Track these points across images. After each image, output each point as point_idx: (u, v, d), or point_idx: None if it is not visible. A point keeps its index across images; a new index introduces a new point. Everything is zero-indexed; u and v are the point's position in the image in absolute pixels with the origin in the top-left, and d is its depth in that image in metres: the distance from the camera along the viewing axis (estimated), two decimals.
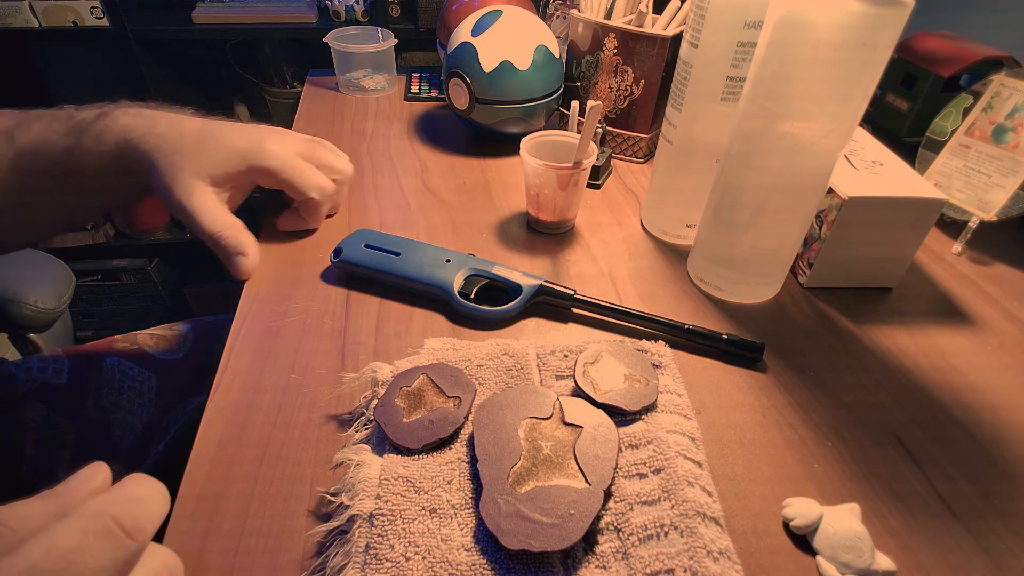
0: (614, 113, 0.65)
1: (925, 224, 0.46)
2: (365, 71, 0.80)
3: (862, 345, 0.44)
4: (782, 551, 0.31)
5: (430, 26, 1.32)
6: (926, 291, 0.50)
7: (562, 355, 0.39)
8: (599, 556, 0.29)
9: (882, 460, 0.36)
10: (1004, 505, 0.34)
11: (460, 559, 0.28)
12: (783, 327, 0.45)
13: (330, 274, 0.48)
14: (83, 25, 1.24)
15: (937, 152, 0.57)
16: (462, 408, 0.35)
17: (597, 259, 0.51)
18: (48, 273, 0.72)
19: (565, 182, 0.50)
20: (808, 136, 0.38)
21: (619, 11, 0.63)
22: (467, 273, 0.45)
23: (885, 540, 0.32)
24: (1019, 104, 0.52)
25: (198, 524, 0.31)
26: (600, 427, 0.33)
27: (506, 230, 0.54)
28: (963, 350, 0.44)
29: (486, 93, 0.61)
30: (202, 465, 0.33)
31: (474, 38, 0.60)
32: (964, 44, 0.63)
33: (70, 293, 0.74)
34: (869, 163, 0.48)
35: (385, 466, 0.32)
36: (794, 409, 0.39)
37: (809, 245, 0.48)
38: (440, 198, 0.58)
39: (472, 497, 0.31)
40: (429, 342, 0.40)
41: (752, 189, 0.42)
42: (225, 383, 0.38)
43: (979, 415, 0.39)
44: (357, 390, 0.38)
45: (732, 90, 0.45)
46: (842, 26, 0.34)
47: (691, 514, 0.29)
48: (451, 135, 0.70)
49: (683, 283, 0.49)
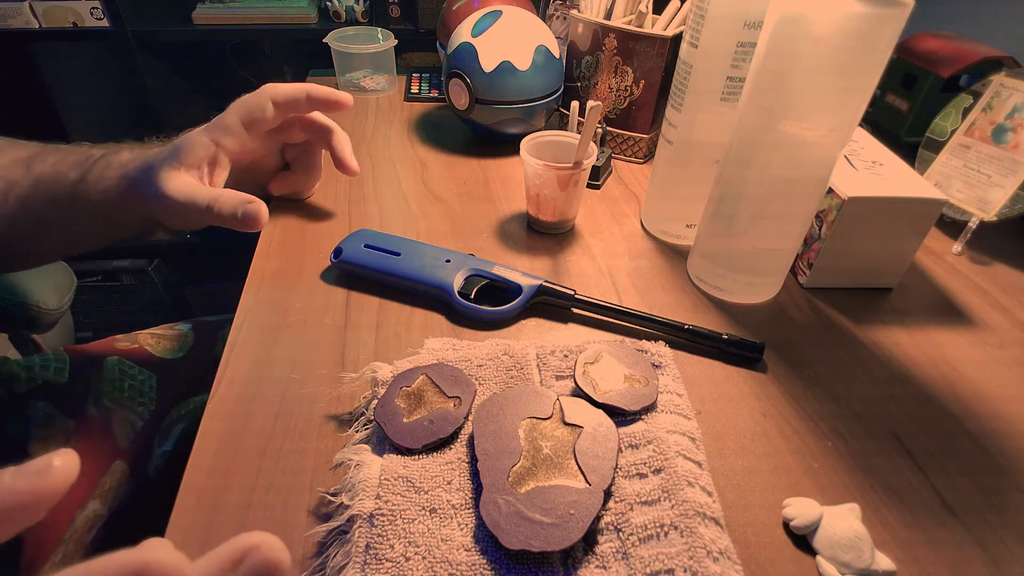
0: (614, 113, 0.65)
1: (925, 224, 0.46)
2: (365, 71, 0.80)
3: (862, 345, 0.44)
4: (782, 551, 0.31)
5: (430, 26, 1.32)
6: (926, 291, 0.50)
7: (562, 355, 0.39)
8: (599, 556, 0.29)
9: (882, 459, 0.36)
10: (1003, 503, 0.34)
11: (460, 559, 0.28)
12: (783, 327, 0.45)
13: (330, 274, 0.48)
14: (83, 26, 1.24)
15: (937, 152, 0.57)
16: (462, 408, 0.35)
17: (597, 259, 0.52)
18: (49, 274, 0.72)
19: (565, 182, 0.50)
20: (808, 136, 0.38)
21: (619, 11, 0.63)
22: (467, 273, 0.45)
23: (885, 539, 0.32)
24: (1019, 104, 0.52)
25: (198, 524, 0.31)
26: (600, 427, 0.33)
27: (506, 230, 0.54)
28: (963, 350, 0.44)
29: (486, 93, 0.61)
30: (202, 465, 0.34)
31: (474, 38, 0.60)
32: (964, 44, 0.63)
33: (71, 294, 0.74)
34: (869, 163, 0.48)
35: (385, 466, 0.32)
36: (794, 409, 0.39)
37: (809, 245, 0.48)
38: (440, 198, 0.59)
39: (472, 497, 0.31)
40: (429, 342, 0.40)
41: (752, 189, 0.42)
42: (225, 383, 0.38)
43: (978, 414, 0.39)
44: (357, 390, 0.38)
45: (732, 90, 0.45)
46: (842, 26, 0.34)
47: (691, 514, 0.29)
48: (451, 135, 0.70)
49: (683, 283, 0.49)
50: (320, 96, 0.50)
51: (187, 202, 0.43)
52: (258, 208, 0.44)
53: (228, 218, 0.44)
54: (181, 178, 0.44)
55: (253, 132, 0.48)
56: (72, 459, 0.18)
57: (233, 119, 0.47)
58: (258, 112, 0.48)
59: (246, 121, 0.47)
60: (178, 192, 0.43)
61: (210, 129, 0.47)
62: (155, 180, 0.43)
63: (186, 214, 0.44)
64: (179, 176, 0.44)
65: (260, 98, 0.48)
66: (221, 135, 0.47)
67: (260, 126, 0.48)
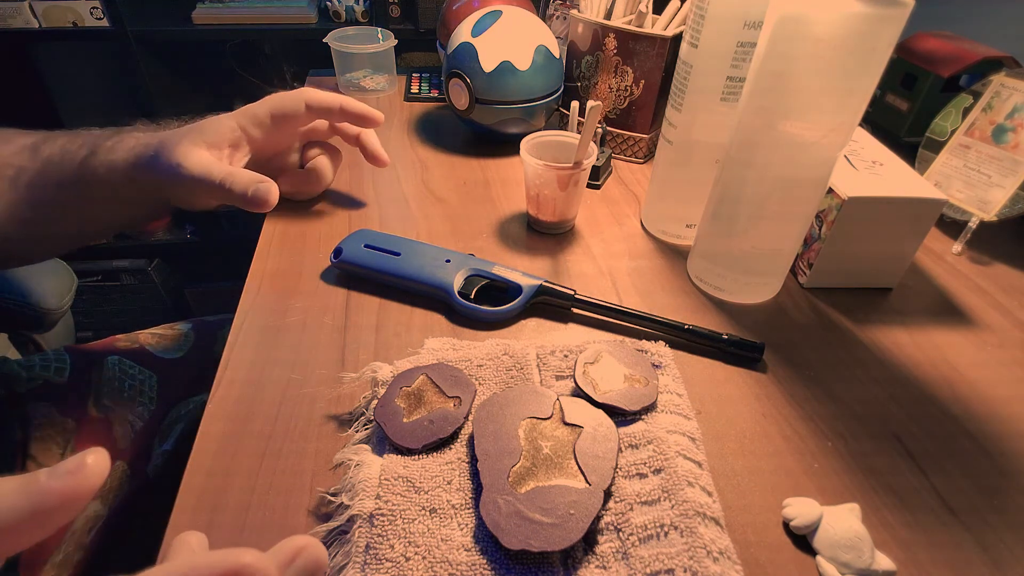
0: (614, 113, 0.65)
1: (925, 224, 0.46)
2: (365, 71, 0.80)
3: (862, 345, 0.44)
4: (782, 551, 0.31)
5: (430, 26, 1.32)
6: (926, 291, 0.50)
7: (562, 355, 0.39)
8: (599, 556, 0.29)
9: (882, 460, 0.36)
10: (1003, 503, 0.34)
11: (460, 559, 0.28)
12: (783, 327, 0.45)
13: (330, 274, 0.48)
14: (83, 26, 1.24)
15: (937, 152, 0.57)
16: (462, 408, 0.35)
17: (597, 259, 0.52)
18: (50, 273, 0.72)
19: (565, 182, 0.50)
20: (808, 136, 0.38)
21: (619, 11, 0.63)
22: (467, 273, 0.45)
23: (885, 539, 0.32)
24: (1019, 104, 0.52)
25: (198, 524, 0.31)
26: (600, 427, 0.33)
27: (506, 230, 0.54)
28: (963, 350, 0.44)
29: (486, 93, 0.61)
30: (202, 465, 0.33)
31: (474, 38, 0.60)
32: (964, 44, 0.63)
33: (72, 294, 0.74)
34: (869, 163, 0.48)
35: (385, 466, 0.32)
36: (794, 409, 0.39)
37: (809, 245, 0.48)
38: (440, 198, 0.59)
39: (472, 497, 0.31)
40: (429, 342, 0.40)
41: (752, 189, 0.42)
42: (225, 383, 0.38)
43: (978, 414, 0.39)
44: (357, 390, 0.38)
45: (732, 90, 0.45)
46: (842, 26, 0.34)
47: (691, 514, 0.29)
48: (451, 135, 0.70)
49: (683, 283, 0.49)
50: (354, 110, 0.52)
51: (202, 175, 0.43)
52: (268, 188, 0.45)
53: (238, 196, 0.44)
54: (201, 153, 0.45)
55: (281, 127, 0.50)
56: (103, 457, 0.19)
57: (264, 110, 0.48)
58: (290, 109, 0.49)
59: (276, 115, 0.49)
60: (195, 165, 0.44)
61: (238, 115, 0.48)
62: (173, 152, 0.44)
63: (197, 189, 0.44)
64: (199, 151, 0.44)
65: (296, 98, 0.49)
66: (248, 123, 0.48)
67: (289, 123, 0.50)
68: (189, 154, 0.44)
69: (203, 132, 0.46)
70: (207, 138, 0.45)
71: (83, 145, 0.44)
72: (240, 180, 0.44)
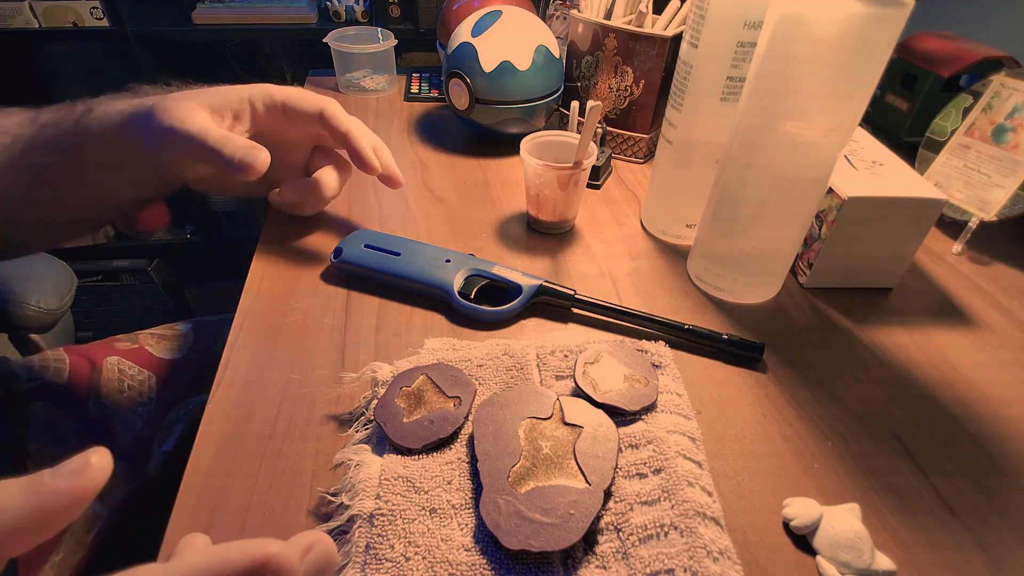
0: (614, 113, 0.65)
1: (925, 224, 0.46)
2: (365, 71, 0.80)
3: (862, 345, 0.44)
4: (782, 551, 0.31)
5: (430, 26, 1.32)
6: (926, 291, 0.50)
7: (562, 355, 0.39)
8: (599, 556, 0.29)
9: (882, 460, 0.36)
10: (1003, 503, 0.34)
11: (460, 559, 0.28)
12: (783, 327, 0.45)
13: (330, 274, 0.48)
14: (83, 26, 1.24)
15: (937, 152, 0.57)
16: (462, 408, 0.35)
17: (597, 259, 0.52)
18: (50, 273, 0.72)
19: (565, 182, 0.50)
20: (808, 136, 0.38)
21: (619, 11, 0.63)
22: (467, 273, 0.45)
23: (885, 540, 0.32)
24: (1019, 104, 0.52)
25: (198, 524, 0.31)
26: (600, 427, 0.33)
27: (506, 230, 0.54)
28: (963, 350, 0.44)
29: (486, 93, 0.61)
30: (201, 465, 0.33)
31: (474, 38, 0.60)
32: (964, 44, 0.63)
33: (72, 294, 0.74)
34: (869, 163, 0.48)
35: (385, 466, 0.32)
36: (794, 409, 0.39)
37: (809, 245, 0.48)
38: (440, 198, 0.59)
39: (472, 497, 0.31)
40: (429, 342, 0.40)
41: (752, 189, 0.42)
42: (225, 383, 0.38)
43: (978, 414, 0.39)
44: (357, 390, 0.38)
45: (732, 90, 0.45)
46: (842, 26, 0.34)
47: (691, 514, 0.29)
48: (451, 135, 0.70)
49: (683, 283, 0.49)
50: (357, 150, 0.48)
51: (198, 135, 0.42)
52: (257, 154, 0.42)
53: (227, 159, 0.42)
54: (201, 113, 0.43)
55: (291, 120, 0.48)
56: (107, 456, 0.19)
57: (281, 97, 0.47)
58: (305, 110, 0.47)
59: (289, 106, 0.47)
60: (193, 124, 0.42)
61: (252, 88, 0.46)
62: (172, 109, 0.42)
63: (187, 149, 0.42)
64: (200, 112, 0.43)
65: (315, 100, 0.47)
66: (260, 99, 0.46)
67: (298, 118, 0.48)
68: (190, 113, 0.42)
69: (208, 96, 0.44)
70: (211, 100, 0.44)
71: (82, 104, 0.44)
72: (233, 144, 0.42)
